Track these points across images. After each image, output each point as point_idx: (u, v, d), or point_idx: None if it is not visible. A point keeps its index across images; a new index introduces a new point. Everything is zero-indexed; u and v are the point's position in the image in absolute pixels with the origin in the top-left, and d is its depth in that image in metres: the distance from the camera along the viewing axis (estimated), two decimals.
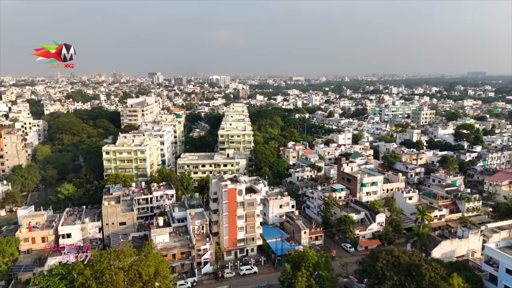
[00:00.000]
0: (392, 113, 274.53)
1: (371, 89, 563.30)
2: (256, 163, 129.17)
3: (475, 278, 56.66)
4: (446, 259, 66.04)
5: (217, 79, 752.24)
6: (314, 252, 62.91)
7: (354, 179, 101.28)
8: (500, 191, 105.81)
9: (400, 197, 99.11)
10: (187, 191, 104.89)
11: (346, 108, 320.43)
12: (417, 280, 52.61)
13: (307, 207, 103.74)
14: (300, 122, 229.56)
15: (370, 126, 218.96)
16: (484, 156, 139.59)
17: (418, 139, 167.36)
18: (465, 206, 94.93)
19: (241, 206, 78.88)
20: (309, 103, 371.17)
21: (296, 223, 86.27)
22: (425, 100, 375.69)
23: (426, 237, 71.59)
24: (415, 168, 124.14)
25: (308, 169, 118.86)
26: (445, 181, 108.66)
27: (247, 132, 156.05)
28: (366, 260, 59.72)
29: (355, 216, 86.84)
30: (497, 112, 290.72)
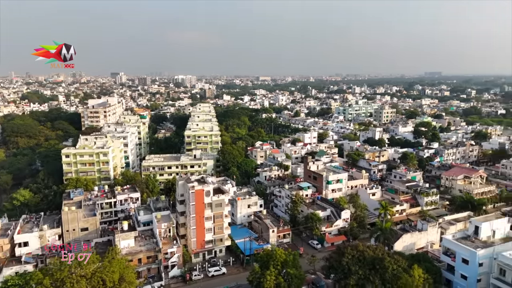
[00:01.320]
0: (356, 112, 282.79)
1: (335, 89, 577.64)
2: (223, 163, 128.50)
3: (434, 268, 59.45)
4: (407, 252, 68.87)
5: (183, 79, 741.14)
6: (282, 250, 63.40)
7: (320, 177, 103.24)
8: (456, 185, 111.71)
9: (364, 193, 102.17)
10: (152, 193, 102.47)
11: (311, 107, 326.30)
12: (381, 273, 54.39)
13: (275, 206, 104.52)
14: (267, 122, 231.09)
15: (334, 125, 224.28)
16: (441, 152, 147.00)
17: (380, 137, 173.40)
18: (424, 200, 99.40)
19: (209, 207, 78.10)
20: (276, 103, 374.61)
21: (264, 222, 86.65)
22: (386, 100, 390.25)
23: (388, 231, 74.23)
24: (377, 165, 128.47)
25: (275, 168, 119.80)
26: (405, 177, 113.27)
27: (214, 132, 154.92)
28: (333, 256, 61.00)
29: (321, 213, 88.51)
30: (452, 110, 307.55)
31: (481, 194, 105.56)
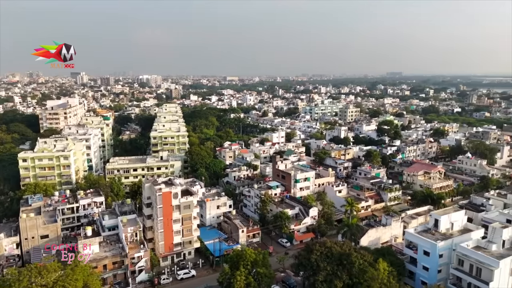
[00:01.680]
0: (322, 111, 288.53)
1: (301, 89, 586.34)
2: (192, 164, 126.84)
3: (398, 261, 61.71)
4: (373, 246, 71.06)
5: (148, 79, 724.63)
6: (252, 250, 63.39)
7: (288, 175, 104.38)
8: (417, 180, 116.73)
9: (331, 191, 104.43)
10: (118, 197, 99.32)
11: (279, 107, 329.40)
12: (348, 268, 55.75)
13: (245, 206, 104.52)
14: (236, 122, 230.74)
15: (301, 124, 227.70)
16: (403, 149, 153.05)
17: (345, 135, 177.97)
18: (388, 196, 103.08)
19: (177, 209, 76.75)
20: (244, 103, 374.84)
21: (233, 223, 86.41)
22: (350, 99, 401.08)
23: (355, 227, 76.23)
24: (343, 163, 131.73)
25: (244, 168, 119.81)
26: (370, 174, 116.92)
27: (181, 133, 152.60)
28: (302, 254, 61.79)
29: (290, 212, 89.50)
30: (413, 109, 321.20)
31: (440, 189, 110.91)
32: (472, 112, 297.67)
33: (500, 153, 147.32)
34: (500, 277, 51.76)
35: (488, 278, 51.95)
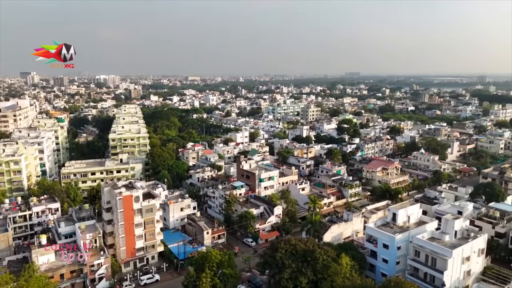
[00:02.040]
0: (284, 111, 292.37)
1: (264, 89, 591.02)
2: (153, 166, 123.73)
3: (359, 255, 63.78)
4: (336, 242, 72.96)
5: (105, 79, 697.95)
6: (217, 251, 62.97)
7: (252, 175, 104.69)
8: (375, 176, 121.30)
9: (294, 189, 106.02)
10: (74, 203, 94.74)
11: (242, 107, 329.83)
12: (312, 264, 56.80)
13: (209, 207, 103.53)
14: (199, 122, 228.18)
15: (265, 124, 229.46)
16: (362, 146, 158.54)
17: (307, 134, 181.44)
18: (349, 192, 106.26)
19: (138, 213, 74.51)
20: (207, 103, 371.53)
21: (198, 225, 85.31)
22: (311, 99, 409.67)
23: (318, 223, 77.92)
24: (306, 161, 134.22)
25: (208, 169, 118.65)
26: (331, 171, 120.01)
27: (142, 134, 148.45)
28: (267, 252, 62.14)
29: (255, 211, 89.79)
30: (370, 108, 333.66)
31: (397, 184, 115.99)
32: (424, 110, 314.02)
33: (451, 149, 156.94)
34: (453, 266, 54.94)
35: (442, 267, 54.96)
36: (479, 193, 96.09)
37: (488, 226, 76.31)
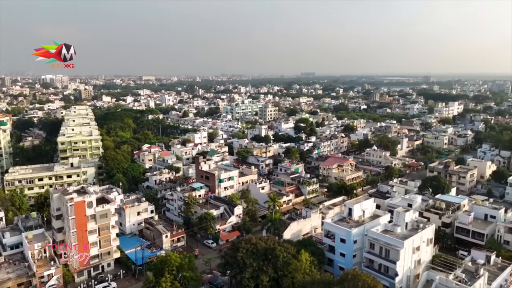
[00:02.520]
0: (242, 111, 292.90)
1: (222, 89, 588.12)
2: (107, 170, 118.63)
3: (318, 250, 65.41)
4: (295, 238, 74.31)
5: (52, 79, 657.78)
6: (177, 254, 61.70)
7: (212, 176, 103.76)
8: (332, 173, 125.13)
9: (254, 188, 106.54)
10: (20, 211, 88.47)
11: (200, 107, 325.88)
12: (273, 262, 57.39)
13: (167, 210, 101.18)
14: (154, 123, 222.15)
15: (223, 124, 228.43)
16: (318, 144, 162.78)
17: (266, 133, 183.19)
18: (307, 190, 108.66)
19: (92, 219, 71.05)
20: (163, 103, 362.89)
21: (156, 228, 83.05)
22: (269, 98, 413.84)
23: (278, 221, 78.90)
24: (265, 160, 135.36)
25: (166, 171, 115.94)
26: (290, 170, 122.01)
27: (94, 137, 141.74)
28: (228, 253, 61.90)
29: (215, 212, 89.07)
30: (325, 107, 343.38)
31: (352, 180, 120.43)
32: (376, 109, 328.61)
33: (400, 145, 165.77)
34: (405, 256, 57.95)
35: (395, 258, 57.80)
36: (427, 186, 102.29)
37: (435, 217, 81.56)
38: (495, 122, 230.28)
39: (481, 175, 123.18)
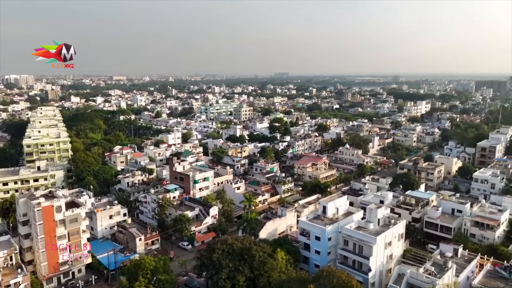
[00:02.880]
0: (217, 111, 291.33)
1: (195, 89, 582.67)
2: (77, 173, 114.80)
3: (293, 249, 65.93)
4: (271, 238, 74.65)
5: (17, 79, 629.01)
6: (151, 257, 60.60)
7: (186, 177, 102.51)
8: (306, 172, 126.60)
9: (230, 188, 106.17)
10: None
11: (173, 107, 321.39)
12: (249, 262, 57.38)
13: (141, 213, 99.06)
14: (126, 124, 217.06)
15: (197, 124, 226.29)
16: (293, 144, 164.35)
17: (241, 133, 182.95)
18: (282, 189, 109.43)
19: (61, 224, 68.50)
20: (134, 103, 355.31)
21: (129, 232, 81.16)
22: (243, 98, 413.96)
23: (253, 221, 78.94)
24: (240, 160, 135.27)
25: (138, 173, 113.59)
26: (265, 169, 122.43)
27: (62, 139, 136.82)
28: (203, 254, 61.35)
29: (190, 213, 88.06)
30: (299, 106, 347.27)
31: (326, 178, 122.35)
32: (348, 108, 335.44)
33: (372, 143, 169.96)
34: (377, 251, 59.41)
35: (368, 254, 59.13)
36: (397, 183, 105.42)
37: (406, 213, 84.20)
38: (460, 120, 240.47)
39: (448, 171, 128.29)
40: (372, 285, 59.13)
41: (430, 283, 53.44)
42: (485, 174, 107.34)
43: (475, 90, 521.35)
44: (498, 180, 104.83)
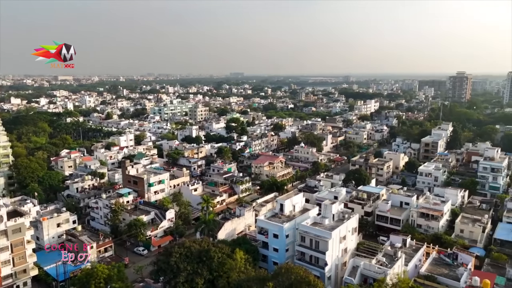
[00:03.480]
0: (171, 111, 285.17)
1: (148, 89, 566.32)
2: (19, 180, 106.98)
3: (252, 248, 66.16)
4: (230, 238, 74.40)
5: None
6: (104, 265, 58.06)
7: (140, 180, 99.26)
8: (263, 171, 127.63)
9: (187, 190, 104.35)
10: None
11: (125, 108, 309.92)
12: (208, 263, 56.72)
13: (92, 219, 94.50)
14: (74, 126, 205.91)
15: (151, 125, 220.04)
16: (250, 143, 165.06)
17: (197, 134, 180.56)
18: (240, 188, 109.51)
19: (2, 235, 63.38)
20: (83, 105, 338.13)
21: (80, 240, 77.03)
22: (199, 98, 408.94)
23: (212, 222, 78.23)
24: (197, 161, 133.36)
25: (89, 178, 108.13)
26: (222, 169, 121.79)
27: (1, 143, 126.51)
28: (160, 258, 59.72)
29: (145, 218, 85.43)
30: (255, 106, 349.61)
31: (283, 176, 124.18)
32: (302, 108, 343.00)
33: (325, 141, 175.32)
34: (333, 246, 61.29)
35: (324, 249, 60.82)
36: (350, 179, 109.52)
37: (359, 207, 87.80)
38: (406, 118, 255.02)
39: (396, 166, 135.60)
40: (329, 279, 60.93)
41: (382, 273, 56.14)
42: (429, 168, 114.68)
43: (418, 89, 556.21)
44: (441, 173, 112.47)
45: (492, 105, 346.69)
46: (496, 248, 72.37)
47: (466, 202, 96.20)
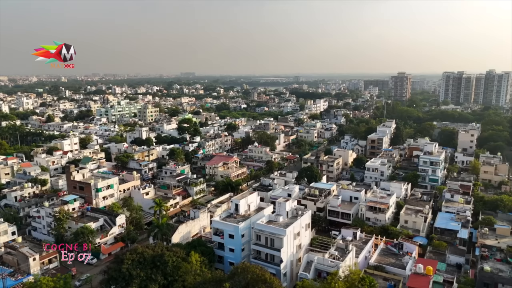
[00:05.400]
0: (119, 113, 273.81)
1: (93, 90, 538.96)
2: None
3: (208, 250, 65.45)
4: (184, 241, 72.97)
5: None
6: (49, 278, 54.32)
7: (87, 186, 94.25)
8: (218, 172, 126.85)
9: (138, 194, 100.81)
10: None
11: (68, 110, 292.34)
12: (162, 268, 55.18)
13: (34, 230, 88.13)
14: (10, 130, 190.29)
15: (98, 128, 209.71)
16: (203, 144, 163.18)
17: (147, 136, 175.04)
18: (194, 190, 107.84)
19: None
20: (20, 107, 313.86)
21: (20, 252, 71.34)
22: (148, 99, 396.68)
23: (165, 226, 76.10)
24: (148, 164, 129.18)
25: (28, 185, 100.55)
26: (175, 172, 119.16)
27: None
28: (111, 267, 57.11)
29: (93, 225, 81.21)
30: (208, 106, 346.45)
31: (237, 176, 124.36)
32: (255, 108, 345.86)
33: (278, 140, 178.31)
34: (287, 242, 62.42)
35: (279, 246, 61.75)
36: (302, 176, 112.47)
37: (311, 203, 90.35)
38: (353, 116, 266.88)
39: (345, 163, 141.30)
40: (284, 276, 61.96)
41: (335, 266, 58.18)
42: (375, 164, 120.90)
43: (364, 88, 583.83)
44: (386, 168, 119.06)
45: (429, 103, 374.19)
46: (437, 236, 78.08)
47: (409, 195, 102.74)
